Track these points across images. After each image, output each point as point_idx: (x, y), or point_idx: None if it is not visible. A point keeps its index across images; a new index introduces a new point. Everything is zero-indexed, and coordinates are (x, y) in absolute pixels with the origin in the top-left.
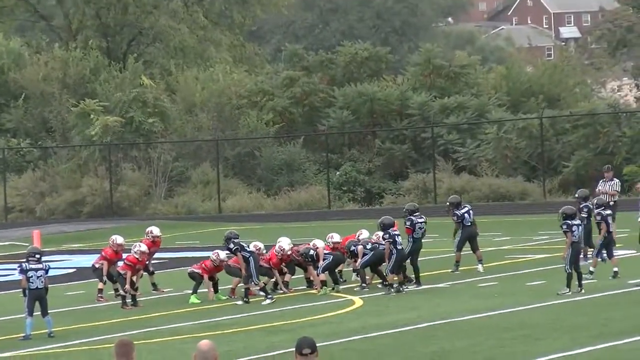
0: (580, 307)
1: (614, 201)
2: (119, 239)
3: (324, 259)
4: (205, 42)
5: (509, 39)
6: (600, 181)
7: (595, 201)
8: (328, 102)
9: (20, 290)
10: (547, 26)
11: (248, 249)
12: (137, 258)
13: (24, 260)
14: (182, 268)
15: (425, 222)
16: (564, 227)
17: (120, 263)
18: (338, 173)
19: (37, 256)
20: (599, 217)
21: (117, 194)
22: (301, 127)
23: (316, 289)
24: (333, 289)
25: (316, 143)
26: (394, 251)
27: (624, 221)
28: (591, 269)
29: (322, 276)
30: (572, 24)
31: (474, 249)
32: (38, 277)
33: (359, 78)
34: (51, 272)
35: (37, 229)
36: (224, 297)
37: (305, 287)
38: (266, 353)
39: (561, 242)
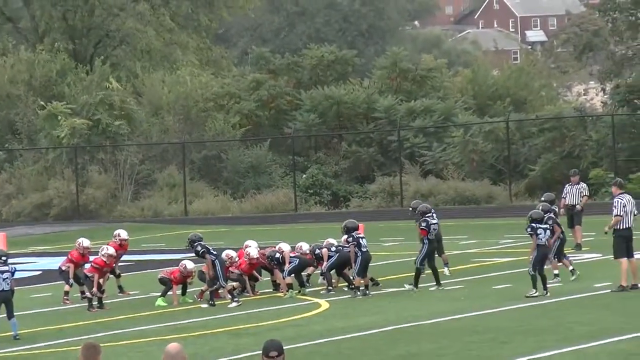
0: (546, 310)
1: (580, 205)
2: (85, 242)
3: (290, 262)
4: (171, 45)
5: (475, 43)
6: (567, 185)
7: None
8: (295, 105)
9: None
10: (513, 30)
11: (213, 252)
12: (104, 261)
13: None
14: (148, 271)
15: (437, 224)
16: (529, 229)
17: (87, 266)
18: (304, 176)
19: (3, 259)
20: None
21: (84, 197)
22: (268, 130)
23: (282, 292)
24: (299, 292)
25: (283, 146)
26: (359, 254)
27: (591, 225)
28: (555, 272)
29: (289, 279)
30: (539, 28)
31: (440, 252)
32: (4, 279)
33: (325, 81)
34: (17, 275)
35: (3, 231)
36: (191, 300)
37: (271, 290)
38: (232, 356)
39: (527, 246)
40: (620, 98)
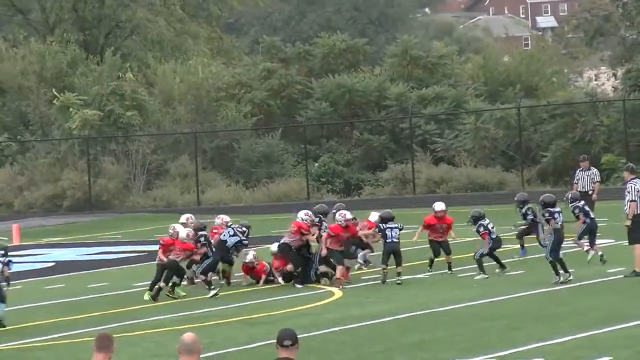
0: (560, 296)
1: (595, 194)
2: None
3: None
4: (182, 35)
5: (486, 29)
6: (578, 171)
7: (570, 196)
8: (306, 93)
9: None
10: (524, 16)
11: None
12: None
13: None
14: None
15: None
16: (547, 214)
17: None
18: (316, 164)
19: (2, 252)
20: (576, 211)
21: (96, 188)
22: (279, 119)
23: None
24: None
25: (294, 135)
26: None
27: (603, 210)
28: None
29: (322, 268)
30: (549, 14)
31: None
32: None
33: (336, 69)
34: (30, 266)
35: (16, 223)
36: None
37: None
38: (247, 345)
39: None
40: (631, 83)
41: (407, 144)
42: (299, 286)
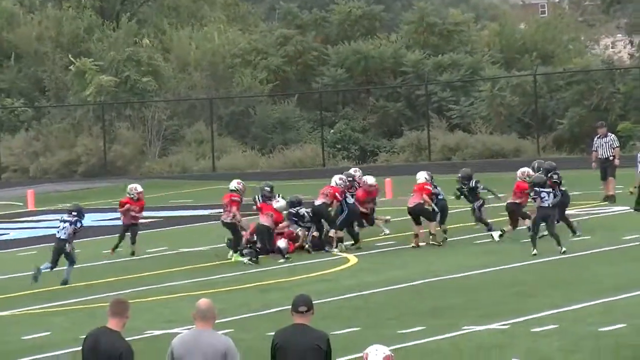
0: (574, 264)
1: (618, 159)
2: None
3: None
4: (198, 1)
5: None
6: (595, 138)
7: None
8: (322, 60)
9: None
10: None
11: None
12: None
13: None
14: (176, 227)
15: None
16: (532, 194)
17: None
18: (332, 131)
19: (74, 213)
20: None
21: (112, 154)
22: (295, 86)
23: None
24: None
25: (310, 101)
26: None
27: (619, 178)
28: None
29: (340, 233)
30: None
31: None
32: (62, 228)
33: (352, 36)
34: (45, 232)
35: (31, 188)
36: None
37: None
38: (262, 311)
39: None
40: None
41: (423, 111)
42: (335, 250)
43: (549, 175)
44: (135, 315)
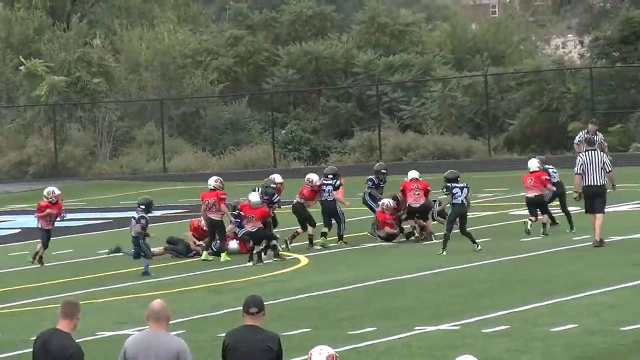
0: (526, 264)
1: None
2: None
3: None
4: (149, 1)
5: None
6: (581, 132)
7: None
8: (273, 61)
9: None
10: None
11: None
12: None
13: None
14: (126, 228)
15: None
16: (445, 190)
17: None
18: (283, 132)
19: (142, 207)
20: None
21: (62, 154)
22: (246, 86)
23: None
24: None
25: (261, 102)
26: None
27: (568, 178)
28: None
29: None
30: None
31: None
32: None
33: (303, 37)
34: None
35: None
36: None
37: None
38: (213, 312)
39: (505, 200)
40: (598, 51)
41: (374, 112)
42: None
43: (544, 168)
44: (85, 317)
